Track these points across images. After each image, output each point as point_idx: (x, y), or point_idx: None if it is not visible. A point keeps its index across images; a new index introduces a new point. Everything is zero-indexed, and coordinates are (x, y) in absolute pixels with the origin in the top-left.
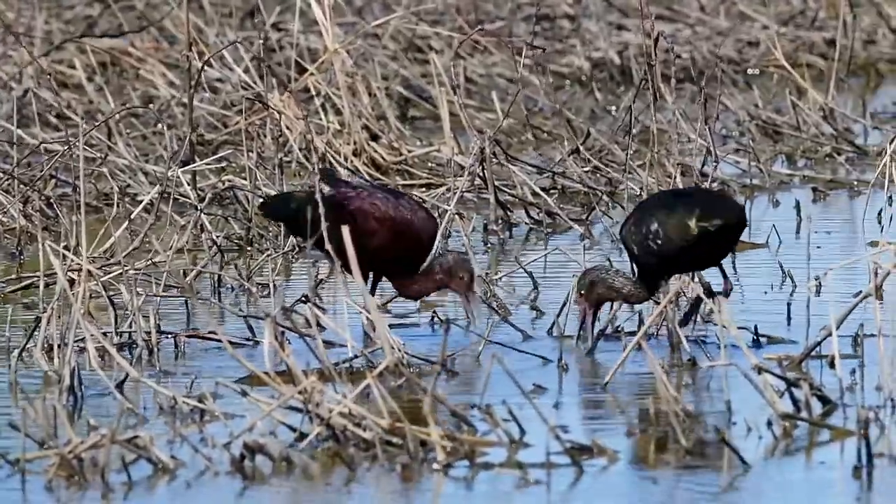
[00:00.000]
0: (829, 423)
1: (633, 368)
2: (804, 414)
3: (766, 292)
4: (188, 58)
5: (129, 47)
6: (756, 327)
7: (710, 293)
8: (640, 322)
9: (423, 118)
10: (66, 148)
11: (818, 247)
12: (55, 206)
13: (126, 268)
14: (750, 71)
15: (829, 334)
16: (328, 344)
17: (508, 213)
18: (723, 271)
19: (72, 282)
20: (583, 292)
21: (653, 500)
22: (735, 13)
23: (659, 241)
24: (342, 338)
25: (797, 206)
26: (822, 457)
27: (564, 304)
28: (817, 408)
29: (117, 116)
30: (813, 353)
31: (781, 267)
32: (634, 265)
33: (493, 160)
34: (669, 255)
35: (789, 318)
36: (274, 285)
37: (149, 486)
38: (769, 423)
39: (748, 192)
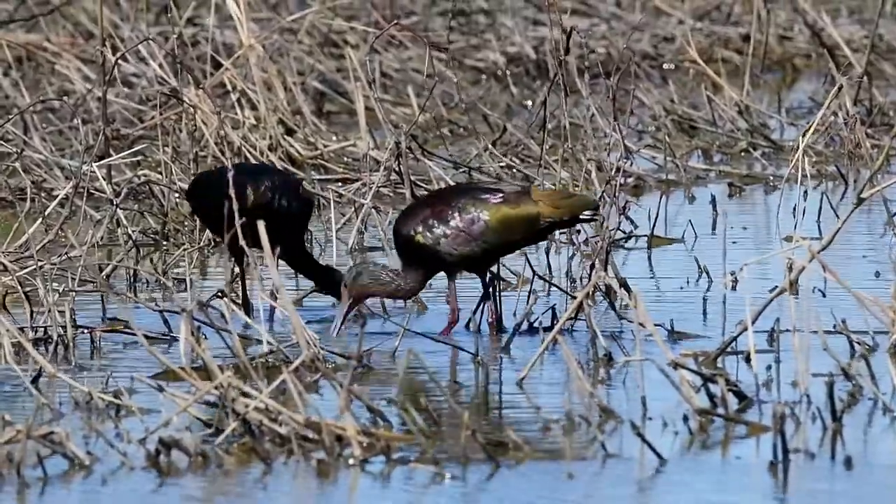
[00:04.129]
0: (745, 418)
1: (548, 363)
2: (720, 409)
3: (681, 287)
4: (102, 53)
5: (45, 42)
6: (672, 322)
7: (627, 287)
8: (555, 316)
9: (338, 113)
10: None
11: (734, 242)
12: None
13: (41, 262)
14: (665, 66)
15: (745, 329)
16: (244, 339)
17: None
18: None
19: None
20: (347, 284)
21: (568, 495)
22: (651, 8)
23: (481, 233)
24: (258, 333)
25: (713, 202)
26: (738, 452)
27: (481, 300)
28: (733, 403)
29: (33, 111)
30: (729, 349)
31: (697, 262)
32: (403, 261)
33: (409, 155)
34: (489, 247)
35: (705, 314)
36: (190, 280)
37: (64, 481)
38: (685, 419)
39: (664, 187)
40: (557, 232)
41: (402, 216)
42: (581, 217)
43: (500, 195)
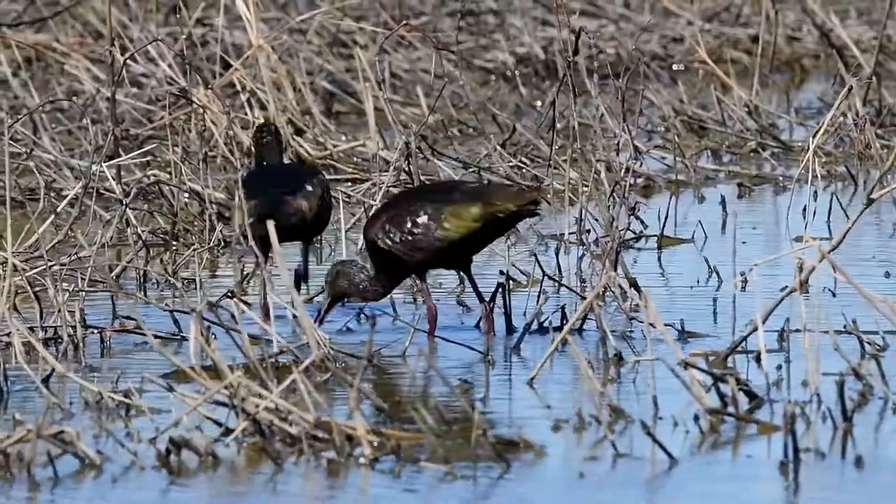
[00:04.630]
0: (756, 418)
1: (559, 363)
2: (730, 409)
3: (692, 287)
4: (111, 53)
5: (54, 42)
6: (682, 322)
7: (637, 287)
8: (565, 316)
9: (348, 113)
10: None
11: (744, 242)
12: None
13: (51, 263)
14: (675, 67)
15: (755, 329)
16: (254, 339)
17: None
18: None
19: None
20: (328, 280)
21: (579, 495)
22: (660, 9)
23: (434, 235)
24: (268, 333)
25: (722, 202)
26: (749, 451)
27: (491, 299)
28: (744, 403)
29: (42, 111)
30: (739, 349)
31: (707, 262)
32: (372, 263)
33: (419, 155)
34: (442, 248)
35: (715, 314)
36: (200, 280)
37: (75, 480)
38: (696, 418)
39: (674, 188)
40: (566, 232)
41: (369, 220)
42: (524, 211)
43: (452, 195)
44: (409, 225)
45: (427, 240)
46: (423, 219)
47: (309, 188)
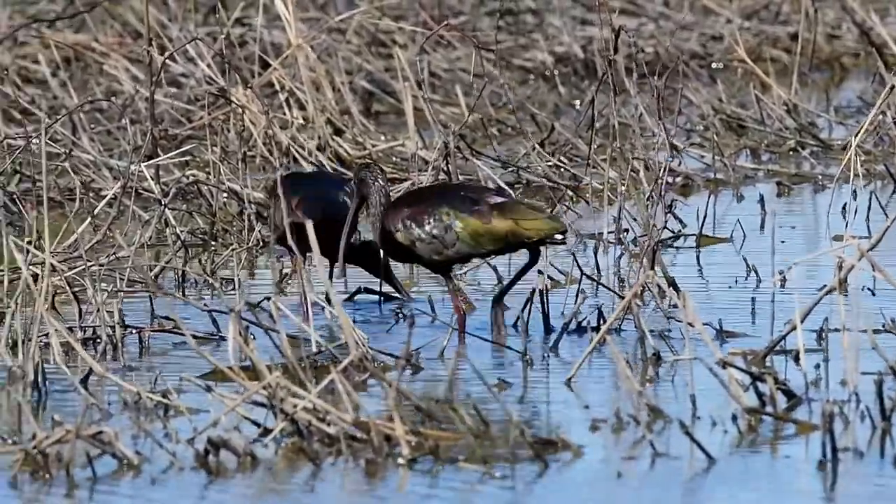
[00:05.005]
0: (794, 417)
1: (597, 363)
2: (769, 408)
3: (730, 287)
4: (149, 53)
5: (93, 42)
6: (720, 322)
7: (675, 286)
8: (602, 316)
9: (387, 113)
10: (28, 143)
11: (782, 241)
12: (18, 201)
13: (89, 263)
14: (714, 65)
15: (794, 328)
16: (292, 339)
17: None
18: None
19: (35, 277)
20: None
21: (617, 495)
22: (699, 7)
23: (455, 242)
24: (307, 333)
25: (761, 201)
26: (787, 451)
27: (529, 299)
28: (782, 402)
29: (81, 111)
30: (777, 348)
31: (746, 261)
32: (383, 251)
33: (458, 155)
34: (460, 251)
35: (754, 313)
36: (238, 280)
37: (113, 481)
38: (734, 418)
39: (712, 187)
40: (605, 232)
41: (389, 209)
42: (549, 240)
43: (478, 206)
44: (428, 226)
45: (444, 244)
46: (444, 223)
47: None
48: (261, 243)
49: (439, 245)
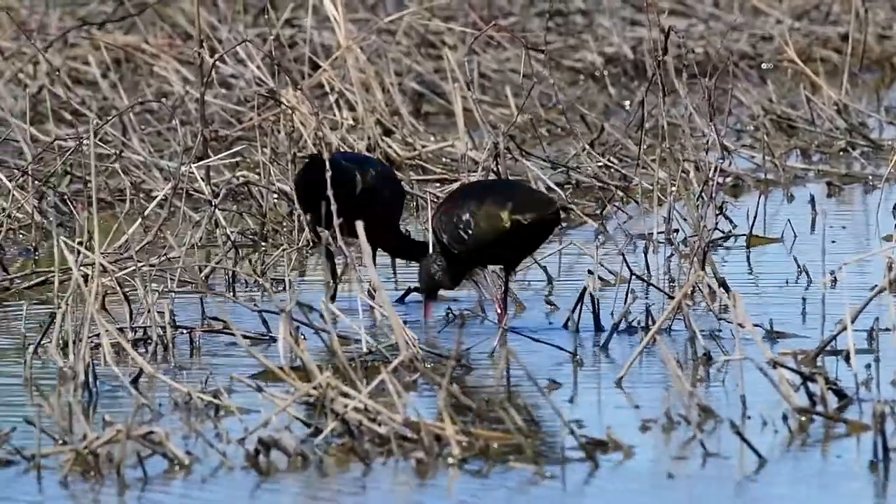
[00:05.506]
0: (845, 417)
1: (647, 363)
2: (820, 408)
3: (781, 287)
4: (199, 54)
5: (143, 43)
6: (771, 322)
7: (726, 286)
8: (651, 316)
9: (436, 114)
10: (78, 144)
11: (833, 241)
12: (69, 202)
13: (140, 263)
14: (764, 66)
15: (844, 329)
16: (343, 339)
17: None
18: (507, 283)
19: (86, 277)
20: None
21: (668, 495)
22: (749, 8)
23: (469, 232)
24: (357, 333)
25: (812, 201)
26: (838, 451)
27: (579, 299)
28: (833, 402)
29: (131, 112)
30: (828, 348)
31: (796, 261)
32: (442, 255)
33: (507, 155)
34: (477, 246)
35: (804, 313)
36: (289, 281)
37: (164, 481)
38: (785, 418)
39: (763, 187)
40: (654, 232)
41: (435, 209)
42: (548, 219)
43: (502, 202)
44: (455, 220)
45: (464, 239)
46: (466, 218)
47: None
48: (311, 244)
49: (460, 238)
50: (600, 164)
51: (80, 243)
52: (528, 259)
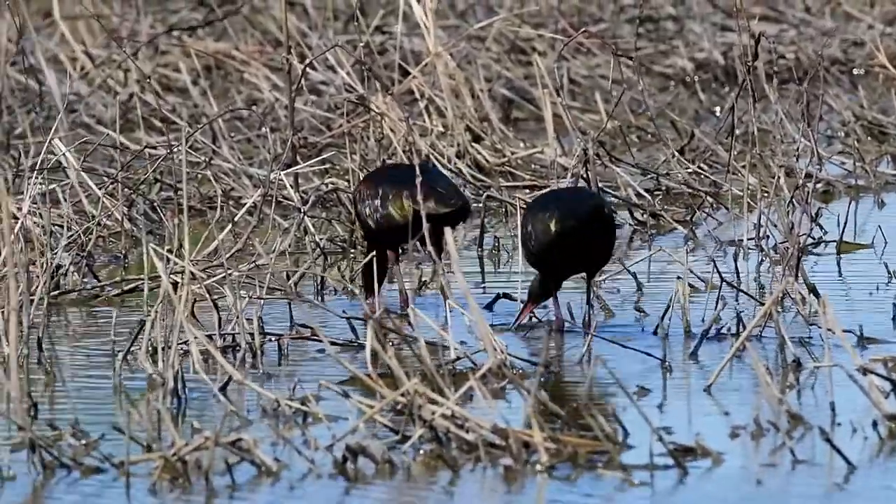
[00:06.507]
0: None
1: (737, 369)
2: None
3: (871, 293)
4: (289, 61)
5: (234, 51)
6: (861, 328)
7: (816, 293)
8: (741, 322)
9: (526, 120)
10: (169, 151)
11: None
12: (159, 209)
13: (229, 270)
14: (855, 71)
15: None
16: (431, 346)
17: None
18: (588, 290)
19: (175, 285)
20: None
21: (757, 502)
22: (841, 13)
23: (532, 243)
24: (445, 340)
25: None
26: None
27: (669, 306)
28: None
29: (221, 119)
30: None
31: (887, 267)
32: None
33: (597, 161)
34: (542, 256)
35: (895, 319)
36: (377, 287)
37: (252, 487)
38: (874, 424)
39: (853, 193)
40: (745, 238)
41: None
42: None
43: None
44: (525, 231)
45: (530, 248)
46: (528, 228)
47: None
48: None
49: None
50: (690, 170)
51: (170, 251)
52: (615, 265)
